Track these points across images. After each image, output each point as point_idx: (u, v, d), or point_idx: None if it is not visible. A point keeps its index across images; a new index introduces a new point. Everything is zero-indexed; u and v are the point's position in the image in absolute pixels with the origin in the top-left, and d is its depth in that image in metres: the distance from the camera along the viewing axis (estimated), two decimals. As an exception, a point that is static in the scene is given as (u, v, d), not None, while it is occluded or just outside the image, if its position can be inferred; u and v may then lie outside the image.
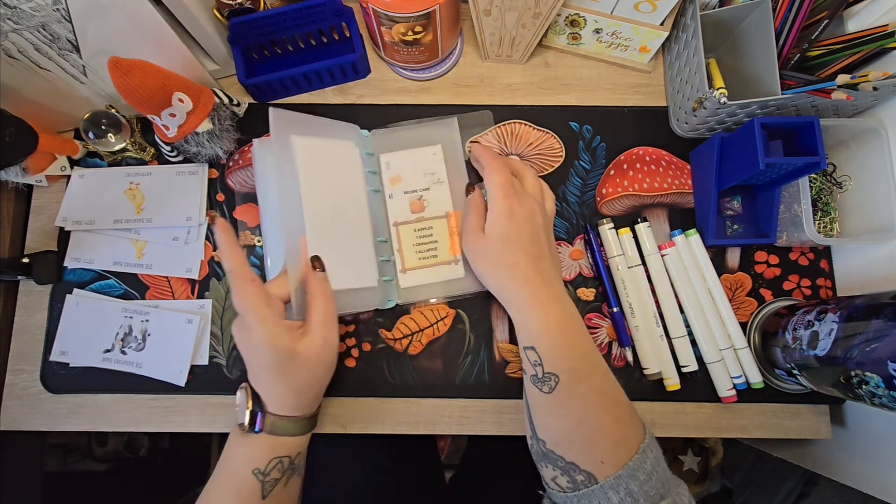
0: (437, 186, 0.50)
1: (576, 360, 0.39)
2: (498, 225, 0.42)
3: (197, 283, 0.51)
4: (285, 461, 0.40)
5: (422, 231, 0.50)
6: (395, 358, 0.50)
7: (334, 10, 0.51)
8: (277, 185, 0.47)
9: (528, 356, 0.40)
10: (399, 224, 0.50)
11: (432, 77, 0.55)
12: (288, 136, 0.46)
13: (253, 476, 0.39)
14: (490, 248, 0.42)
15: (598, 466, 0.37)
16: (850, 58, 0.45)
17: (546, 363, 0.39)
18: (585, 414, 0.38)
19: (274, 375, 0.39)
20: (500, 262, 0.42)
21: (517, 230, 0.42)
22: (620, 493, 0.36)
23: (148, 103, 0.42)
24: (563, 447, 0.39)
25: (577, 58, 0.56)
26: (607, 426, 0.38)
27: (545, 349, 0.39)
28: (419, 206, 0.50)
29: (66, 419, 0.49)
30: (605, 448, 0.38)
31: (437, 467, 0.70)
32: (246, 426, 0.39)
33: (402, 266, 0.50)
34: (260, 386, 0.40)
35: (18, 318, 0.51)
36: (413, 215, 0.50)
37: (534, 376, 0.40)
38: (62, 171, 0.52)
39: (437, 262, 0.49)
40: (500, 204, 0.43)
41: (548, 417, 0.40)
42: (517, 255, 0.41)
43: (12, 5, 0.39)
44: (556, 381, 0.39)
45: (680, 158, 0.53)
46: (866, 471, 0.50)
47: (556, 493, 0.39)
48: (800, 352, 0.42)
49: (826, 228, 0.52)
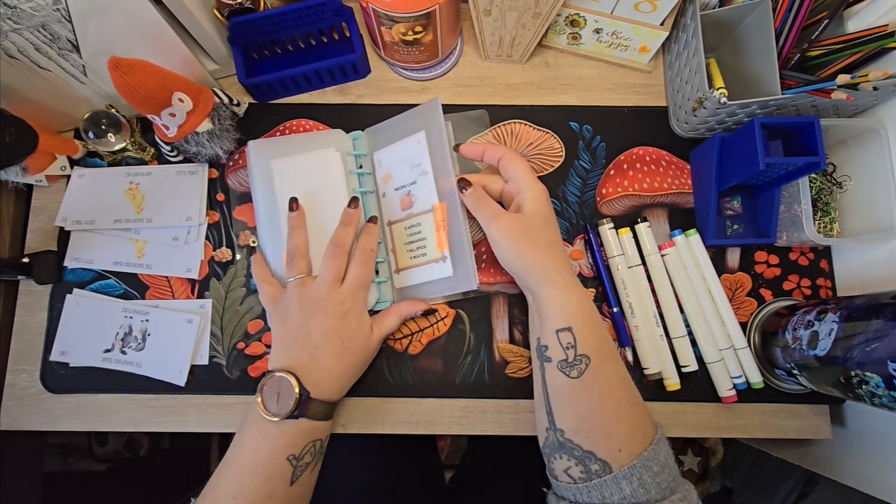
0: (423, 179, 0.49)
1: (603, 341, 0.41)
2: (539, 205, 0.43)
3: (197, 283, 0.51)
4: (317, 444, 0.42)
5: (411, 229, 0.49)
6: (394, 358, 0.50)
7: (334, 10, 0.51)
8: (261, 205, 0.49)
9: (561, 339, 0.40)
10: (392, 223, 0.50)
11: (432, 77, 0.55)
12: (269, 162, 0.49)
13: (287, 462, 0.40)
14: (532, 227, 0.42)
15: (615, 455, 0.37)
16: (850, 58, 0.45)
17: (580, 344, 0.40)
18: (608, 397, 0.39)
19: (344, 352, 0.43)
20: (542, 241, 0.42)
21: (553, 212, 0.44)
22: (633, 483, 0.36)
23: (148, 103, 0.42)
24: (583, 434, 0.39)
25: (577, 58, 0.56)
26: (627, 411, 0.39)
27: (580, 328, 0.40)
28: (408, 202, 0.49)
29: (66, 419, 0.49)
30: (624, 435, 0.38)
31: (436, 467, 0.70)
32: (291, 411, 0.40)
33: (395, 266, 0.50)
34: (319, 364, 0.42)
35: (18, 318, 0.51)
36: (403, 212, 0.49)
37: (563, 361, 0.40)
38: (62, 170, 0.52)
39: (426, 261, 0.48)
40: (538, 186, 0.44)
41: (570, 404, 0.40)
42: (556, 234, 0.43)
43: (12, 5, 0.39)
44: (586, 364, 0.39)
45: (680, 158, 0.53)
46: (866, 471, 0.50)
47: (564, 486, 0.39)
48: (800, 352, 0.42)
49: (826, 228, 0.52)
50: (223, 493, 0.39)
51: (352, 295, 0.44)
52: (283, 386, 0.41)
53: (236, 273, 0.51)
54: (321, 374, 0.42)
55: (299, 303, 0.43)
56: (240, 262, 0.51)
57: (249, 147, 0.49)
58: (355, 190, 0.50)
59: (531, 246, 0.42)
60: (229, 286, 0.51)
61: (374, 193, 0.51)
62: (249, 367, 0.49)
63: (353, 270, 0.45)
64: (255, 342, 0.50)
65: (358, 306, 0.45)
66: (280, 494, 0.40)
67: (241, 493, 0.39)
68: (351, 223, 0.46)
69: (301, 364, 0.42)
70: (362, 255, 0.45)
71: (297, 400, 0.40)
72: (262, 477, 0.39)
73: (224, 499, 0.39)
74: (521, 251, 0.42)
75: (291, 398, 0.40)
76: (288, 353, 0.43)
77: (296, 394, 0.40)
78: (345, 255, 0.45)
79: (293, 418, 0.40)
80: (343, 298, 0.44)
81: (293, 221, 0.46)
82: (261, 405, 0.40)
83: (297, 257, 0.45)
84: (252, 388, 0.49)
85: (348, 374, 0.44)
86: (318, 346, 0.42)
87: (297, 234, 0.46)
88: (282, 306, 0.44)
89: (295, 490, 0.40)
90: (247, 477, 0.39)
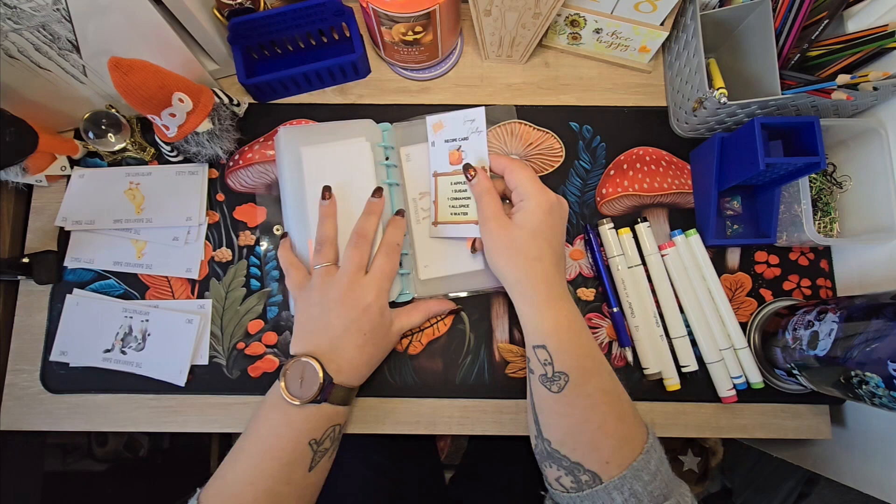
0: (476, 137, 0.47)
1: (583, 359, 0.40)
2: (534, 218, 0.41)
3: (197, 283, 0.51)
4: (336, 429, 0.43)
5: (458, 185, 0.48)
6: (394, 358, 0.50)
7: (334, 10, 0.51)
8: (289, 192, 0.49)
9: (538, 355, 0.40)
10: (438, 175, 0.49)
11: (432, 77, 0.55)
12: (299, 149, 0.49)
13: (308, 447, 0.40)
14: (516, 239, 0.41)
15: (602, 466, 0.37)
16: (850, 58, 0.45)
17: (556, 362, 0.39)
18: (592, 412, 0.38)
19: (365, 344, 0.43)
20: (522, 255, 0.41)
21: (550, 226, 0.42)
22: (625, 493, 0.36)
23: (148, 103, 0.42)
24: (569, 447, 0.39)
25: (577, 58, 0.56)
26: (612, 424, 0.38)
27: (555, 347, 0.39)
28: (458, 157, 0.48)
29: (66, 419, 0.49)
30: (611, 447, 0.38)
31: (436, 467, 0.70)
32: (315, 395, 0.40)
33: (434, 219, 0.49)
34: (341, 353, 0.42)
35: (18, 318, 0.51)
36: (451, 167, 0.49)
37: (542, 376, 0.40)
38: (62, 171, 0.52)
39: (466, 220, 0.47)
40: (539, 198, 0.42)
41: (554, 417, 0.40)
42: (544, 250, 0.41)
43: (12, 5, 0.39)
44: (565, 381, 0.39)
45: (680, 158, 0.53)
46: (866, 471, 0.50)
47: (559, 494, 0.39)
48: (800, 352, 0.42)
49: (826, 228, 0.52)
50: (237, 481, 0.39)
51: (375, 287, 0.44)
52: (307, 371, 0.41)
53: (236, 273, 0.51)
54: (342, 362, 0.42)
55: (322, 292, 0.43)
56: (240, 263, 0.51)
57: (280, 133, 0.49)
58: (382, 181, 0.50)
59: (508, 259, 0.42)
60: (229, 286, 0.51)
61: (401, 186, 0.51)
62: (249, 368, 0.49)
63: (378, 263, 0.45)
64: (255, 342, 0.50)
65: (381, 299, 0.44)
66: (297, 480, 0.40)
67: (257, 478, 0.38)
68: (375, 213, 0.46)
69: (323, 351, 0.42)
70: (388, 248, 0.45)
71: (320, 385, 0.40)
72: (281, 462, 0.39)
73: (238, 486, 0.38)
74: (498, 263, 0.42)
75: (316, 383, 0.40)
76: (310, 340, 0.43)
77: (320, 378, 0.40)
78: (368, 245, 0.45)
79: (316, 402, 0.40)
80: (366, 290, 0.43)
81: (325, 210, 0.46)
82: (284, 389, 0.40)
83: (326, 246, 0.45)
84: (252, 388, 0.49)
85: (368, 365, 0.45)
86: (338, 337, 0.42)
87: (328, 223, 0.46)
88: (305, 293, 0.44)
89: (311, 477, 0.41)
90: (265, 462, 0.39)
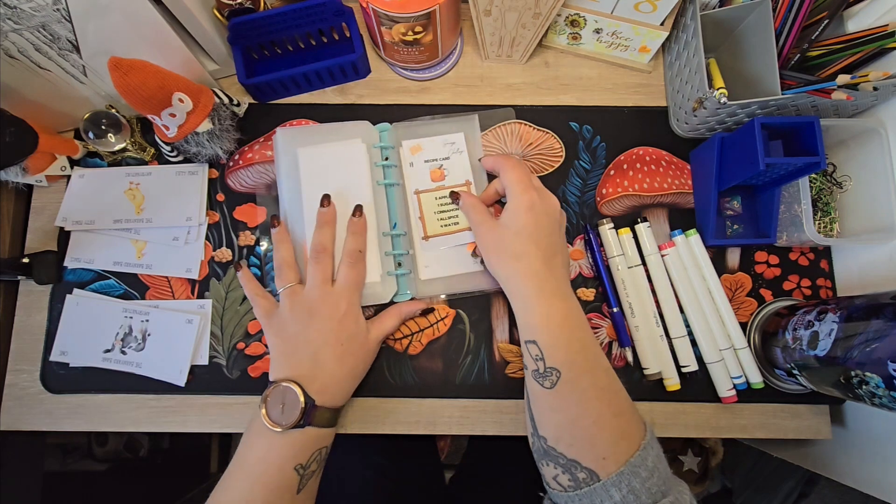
0: (457, 156, 0.51)
1: (576, 355, 0.39)
2: (516, 217, 0.42)
3: (197, 283, 0.51)
4: (323, 451, 0.42)
5: (443, 199, 0.50)
6: (394, 358, 0.50)
7: (334, 10, 0.51)
8: (286, 190, 0.50)
9: (530, 350, 0.40)
10: (420, 192, 0.51)
11: (432, 77, 0.55)
12: (295, 150, 0.50)
13: (294, 472, 0.40)
14: (501, 238, 0.43)
15: (599, 463, 0.37)
16: (851, 58, 0.45)
17: (548, 357, 0.39)
18: (586, 408, 0.38)
19: (344, 354, 0.43)
20: (509, 253, 0.42)
21: (534, 223, 0.42)
22: (623, 489, 0.36)
23: (148, 103, 0.42)
24: (565, 443, 0.39)
25: (577, 58, 0.56)
26: (608, 421, 0.38)
27: (545, 342, 0.39)
28: (440, 175, 0.50)
29: (66, 419, 0.49)
30: (607, 443, 0.38)
31: (436, 467, 0.70)
32: (297, 421, 0.40)
33: (423, 234, 0.50)
34: (322, 369, 0.42)
35: (18, 318, 0.51)
36: (434, 184, 0.51)
37: (535, 371, 0.40)
38: (62, 171, 0.52)
39: (458, 229, 0.50)
40: (520, 198, 0.43)
41: (548, 413, 0.40)
42: (529, 247, 0.42)
43: (12, 5, 0.39)
44: (557, 376, 0.39)
45: (680, 158, 0.53)
46: (866, 471, 0.50)
47: (557, 493, 0.39)
48: (800, 352, 0.42)
49: (826, 228, 0.52)
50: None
51: (346, 297, 0.44)
52: (287, 396, 0.40)
53: (236, 273, 0.51)
54: (325, 379, 0.42)
55: (293, 311, 0.43)
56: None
57: (277, 134, 0.50)
58: (380, 182, 0.50)
59: (497, 259, 0.43)
60: (229, 286, 0.51)
61: (401, 186, 0.51)
62: (249, 368, 0.49)
63: (342, 273, 0.45)
64: (255, 342, 0.50)
65: (353, 308, 0.45)
66: (287, 503, 0.40)
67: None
68: (327, 223, 0.46)
69: (303, 372, 0.42)
70: (349, 257, 0.45)
71: (302, 409, 0.40)
72: (269, 487, 0.39)
73: None
74: (490, 261, 0.44)
75: (297, 407, 0.40)
76: (289, 363, 0.42)
77: (301, 403, 0.40)
78: (328, 258, 0.45)
79: (299, 427, 0.40)
80: (337, 301, 0.44)
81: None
82: (265, 416, 0.40)
83: (285, 268, 0.45)
84: (252, 388, 0.49)
85: (350, 378, 0.45)
86: (318, 350, 0.42)
87: (284, 247, 0.46)
88: (276, 319, 0.44)
89: (300, 498, 0.40)
90: (255, 487, 0.39)
